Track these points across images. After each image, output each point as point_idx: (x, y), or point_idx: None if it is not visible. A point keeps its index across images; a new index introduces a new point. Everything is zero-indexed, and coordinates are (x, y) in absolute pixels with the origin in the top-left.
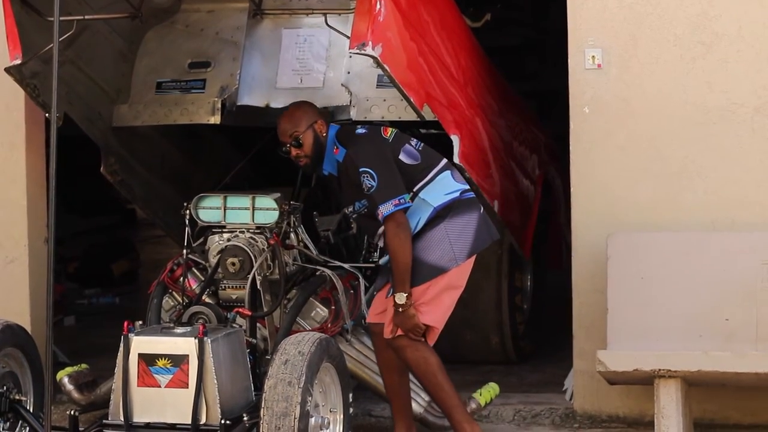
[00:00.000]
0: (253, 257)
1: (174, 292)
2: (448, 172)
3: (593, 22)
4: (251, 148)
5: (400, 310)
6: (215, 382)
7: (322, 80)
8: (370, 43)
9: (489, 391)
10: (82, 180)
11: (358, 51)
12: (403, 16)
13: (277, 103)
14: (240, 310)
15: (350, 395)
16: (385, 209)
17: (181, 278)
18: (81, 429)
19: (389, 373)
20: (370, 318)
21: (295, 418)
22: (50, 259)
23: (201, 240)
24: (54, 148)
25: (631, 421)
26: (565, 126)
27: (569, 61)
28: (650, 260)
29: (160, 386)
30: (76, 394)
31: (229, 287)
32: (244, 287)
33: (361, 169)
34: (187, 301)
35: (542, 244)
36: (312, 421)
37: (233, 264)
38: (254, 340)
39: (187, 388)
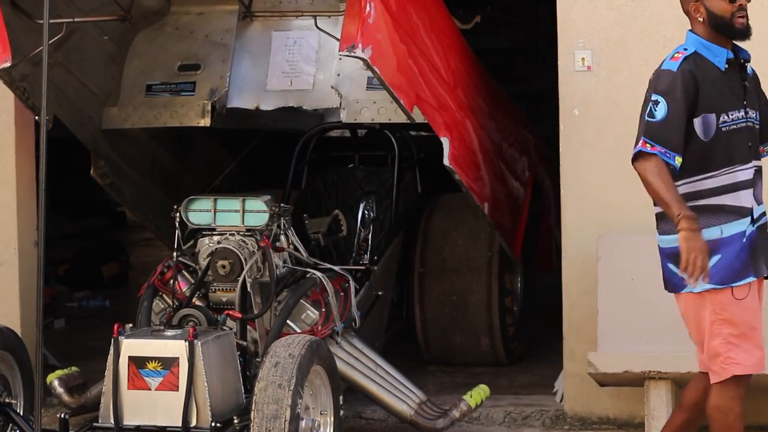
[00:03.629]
0: (243, 260)
1: (164, 295)
2: None
3: (583, 24)
4: (241, 150)
5: None
6: (205, 384)
7: (312, 82)
8: (359, 45)
9: (479, 393)
10: (72, 182)
11: (347, 53)
12: (393, 19)
13: (267, 106)
14: (230, 312)
15: (340, 398)
16: None
17: (171, 281)
18: None
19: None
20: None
21: (285, 420)
22: (40, 262)
23: (191, 242)
24: (44, 151)
25: (622, 423)
26: (555, 128)
27: (559, 63)
28: (640, 262)
29: (150, 389)
30: (66, 397)
31: (219, 290)
32: (234, 290)
33: None
34: (177, 303)
35: (532, 245)
36: (302, 423)
37: (223, 266)
38: (244, 343)
39: (178, 390)
